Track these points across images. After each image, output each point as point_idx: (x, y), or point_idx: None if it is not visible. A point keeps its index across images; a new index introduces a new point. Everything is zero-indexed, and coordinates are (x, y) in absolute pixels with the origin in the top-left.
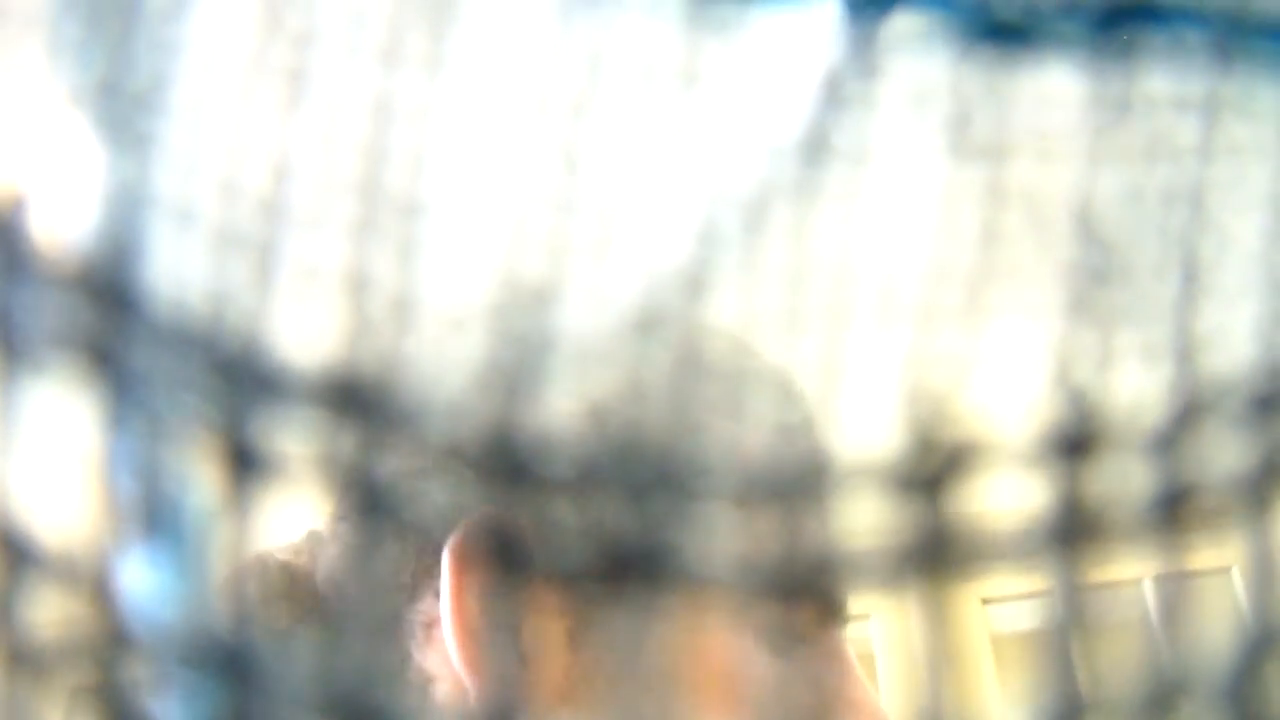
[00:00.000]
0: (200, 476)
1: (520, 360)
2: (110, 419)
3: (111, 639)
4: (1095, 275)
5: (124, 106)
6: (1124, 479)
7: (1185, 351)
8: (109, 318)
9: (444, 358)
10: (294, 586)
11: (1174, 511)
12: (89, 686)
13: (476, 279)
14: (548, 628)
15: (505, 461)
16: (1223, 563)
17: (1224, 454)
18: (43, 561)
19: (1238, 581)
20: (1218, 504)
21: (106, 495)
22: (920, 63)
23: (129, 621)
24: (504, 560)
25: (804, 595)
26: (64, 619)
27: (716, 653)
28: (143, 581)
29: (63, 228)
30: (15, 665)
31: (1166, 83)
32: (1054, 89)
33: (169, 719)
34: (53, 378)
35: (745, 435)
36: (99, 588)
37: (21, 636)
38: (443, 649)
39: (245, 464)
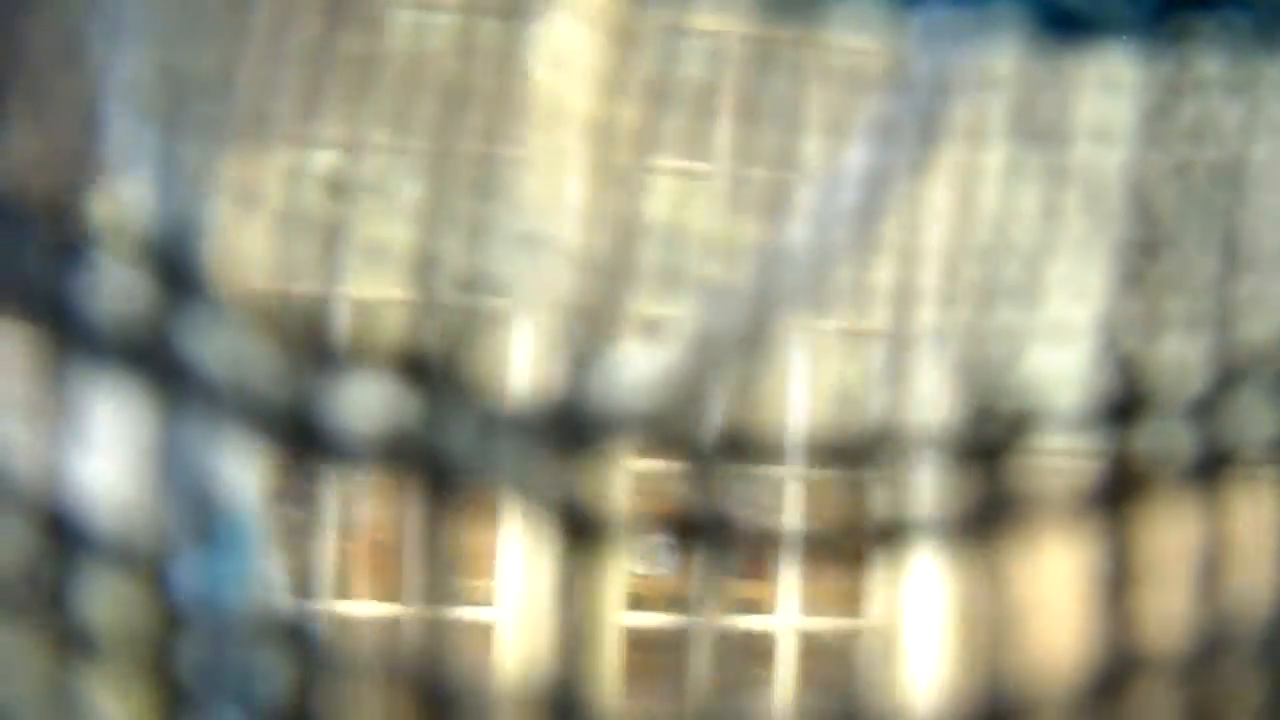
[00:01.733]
0: (257, 462)
1: (590, 334)
2: (169, 401)
3: (168, 622)
4: (1145, 249)
5: (188, 90)
6: (1168, 441)
7: (1225, 320)
8: (170, 299)
9: (515, 332)
10: (371, 559)
11: (1215, 472)
12: (144, 668)
13: (548, 256)
14: None
15: (573, 431)
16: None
17: (1259, 418)
18: (99, 546)
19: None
20: (1254, 464)
21: (165, 478)
22: (987, 49)
23: (185, 604)
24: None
25: (865, 558)
26: (120, 602)
27: None
28: (201, 566)
29: (123, 210)
30: (68, 648)
31: (1215, 66)
32: (1112, 73)
33: (225, 699)
34: (111, 360)
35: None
36: (156, 572)
37: (75, 620)
38: None
39: (310, 441)
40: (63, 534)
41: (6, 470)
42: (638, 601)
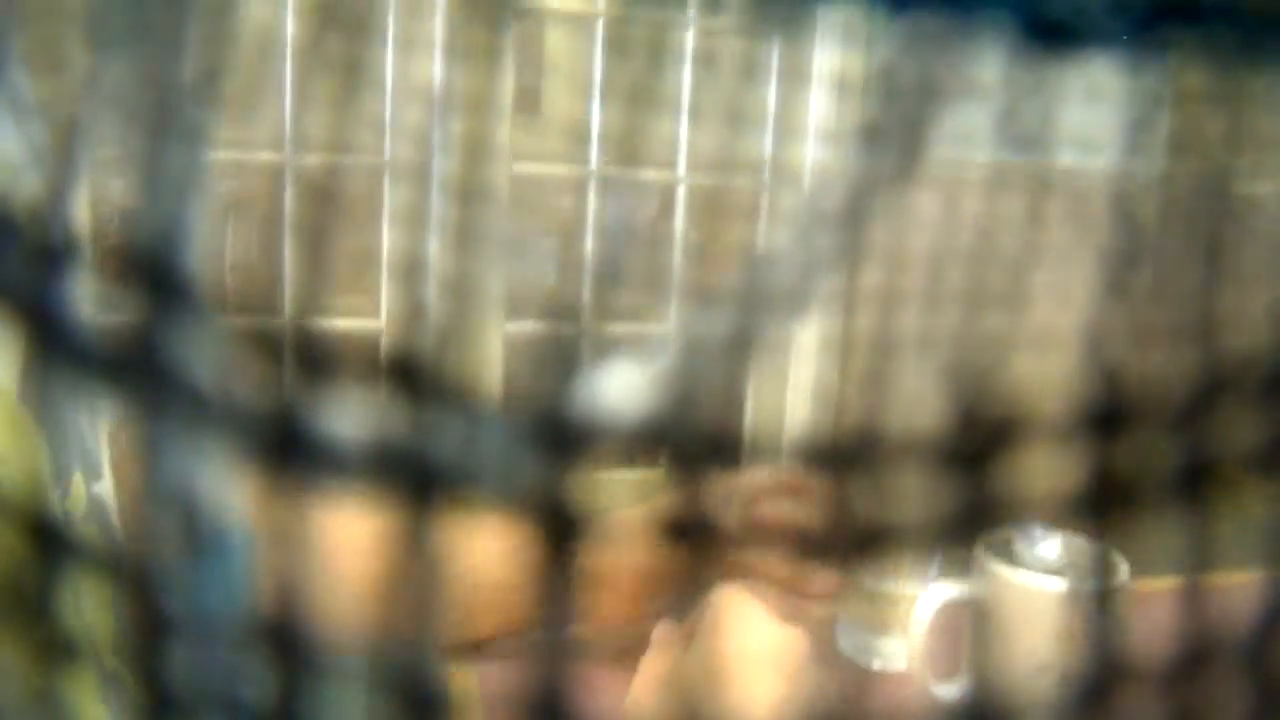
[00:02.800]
0: (242, 468)
1: (574, 336)
2: (153, 408)
3: (153, 626)
4: (1128, 259)
5: (173, 98)
6: (1151, 452)
7: (1206, 331)
8: (154, 307)
9: (500, 336)
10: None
11: (1198, 484)
12: (129, 673)
13: (532, 260)
14: None
15: (559, 434)
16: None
17: (1241, 430)
18: (84, 553)
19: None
20: (1237, 476)
21: (150, 485)
22: (973, 57)
23: (171, 608)
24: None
25: (853, 561)
26: (106, 610)
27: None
28: (189, 579)
29: (105, 218)
30: (53, 656)
31: (1199, 79)
32: (1097, 85)
33: (213, 707)
34: (94, 367)
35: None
36: (141, 576)
37: (61, 628)
38: None
39: (295, 448)
40: (47, 541)
41: None
42: None
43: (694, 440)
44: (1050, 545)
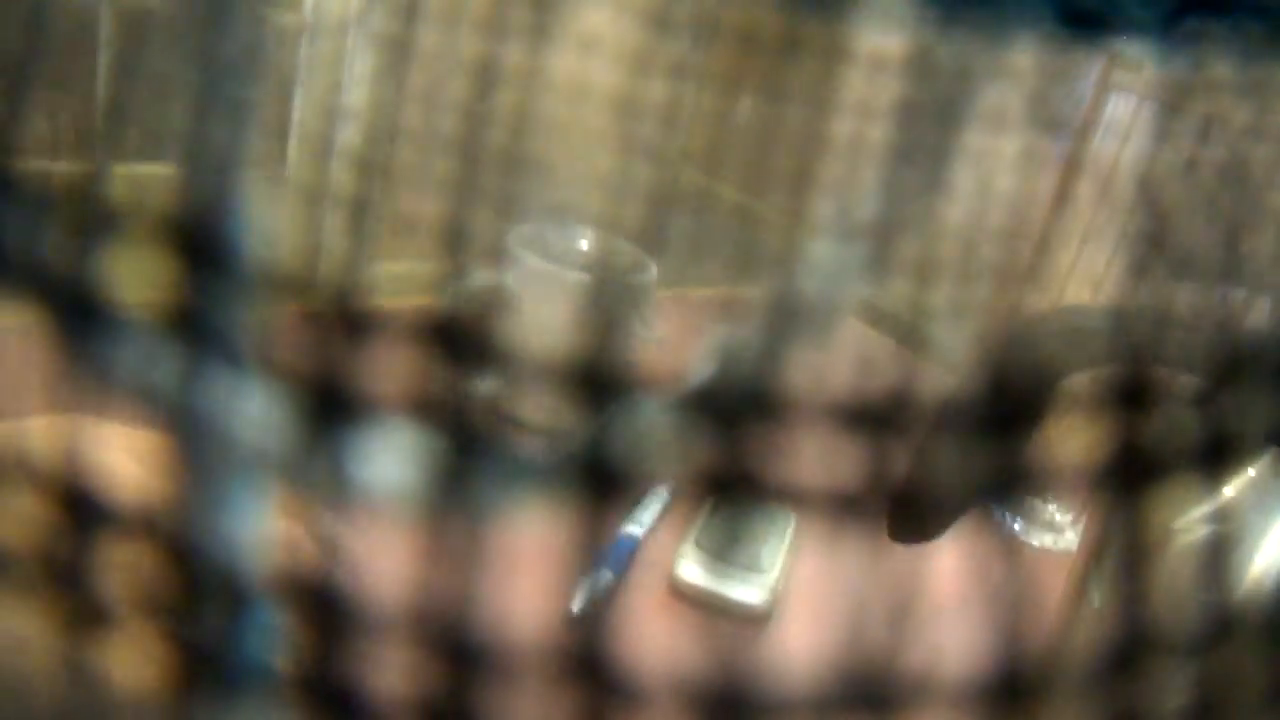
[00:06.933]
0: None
1: (616, 299)
2: (195, 374)
3: (186, 588)
4: (1151, 241)
5: (218, 73)
6: (1174, 427)
7: (1227, 313)
8: (198, 275)
9: (543, 297)
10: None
11: (1218, 458)
12: (162, 636)
13: (576, 227)
14: None
15: (598, 390)
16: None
17: (1257, 408)
18: (116, 519)
19: None
20: (1252, 453)
21: (186, 447)
22: (1006, 42)
23: (204, 570)
24: None
25: (886, 519)
26: (138, 572)
27: None
28: (219, 518)
29: (147, 191)
30: (83, 623)
31: (1226, 69)
32: (1126, 72)
33: (242, 661)
34: (137, 335)
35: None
36: (174, 539)
37: (91, 595)
38: None
39: (337, 405)
40: (80, 510)
41: (23, 448)
42: None
43: (739, 398)
44: (581, 239)
